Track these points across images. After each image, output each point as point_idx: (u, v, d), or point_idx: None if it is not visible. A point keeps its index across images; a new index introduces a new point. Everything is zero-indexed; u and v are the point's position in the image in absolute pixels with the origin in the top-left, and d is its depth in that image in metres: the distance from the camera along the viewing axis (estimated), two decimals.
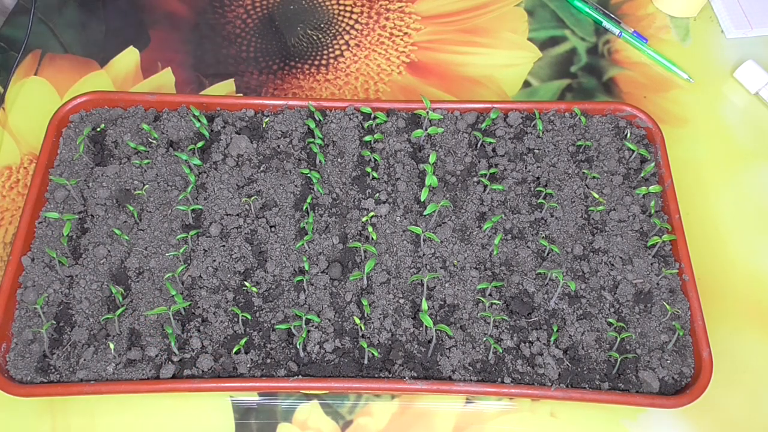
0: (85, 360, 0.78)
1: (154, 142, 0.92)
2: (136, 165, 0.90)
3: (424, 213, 0.86)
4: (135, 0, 1.13)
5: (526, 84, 1.06)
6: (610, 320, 0.82)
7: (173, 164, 0.91)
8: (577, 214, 0.89)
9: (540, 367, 0.79)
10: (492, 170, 0.91)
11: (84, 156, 0.90)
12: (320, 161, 0.92)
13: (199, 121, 0.92)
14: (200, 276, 0.83)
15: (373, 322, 0.81)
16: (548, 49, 1.10)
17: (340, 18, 1.12)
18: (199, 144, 0.91)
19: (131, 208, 0.86)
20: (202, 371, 0.78)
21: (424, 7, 1.14)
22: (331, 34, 1.10)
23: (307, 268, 0.83)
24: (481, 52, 1.09)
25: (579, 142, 0.93)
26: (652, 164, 0.91)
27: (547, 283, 0.84)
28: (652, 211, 0.89)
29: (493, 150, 0.94)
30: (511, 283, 0.84)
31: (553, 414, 0.81)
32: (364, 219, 0.87)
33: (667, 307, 0.82)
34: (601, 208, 0.88)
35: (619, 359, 0.79)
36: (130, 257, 0.84)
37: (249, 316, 0.80)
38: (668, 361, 0.80)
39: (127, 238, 0.85)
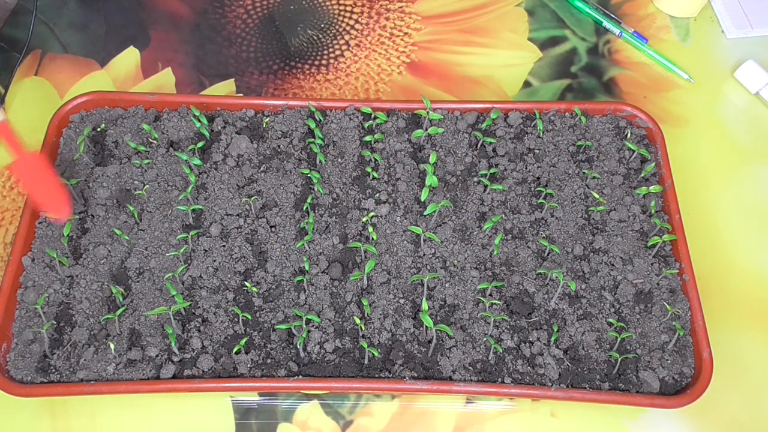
0: (85, 360, 0.78)
1: (155, 142, 0.92)
2: (137, 165, 0.90)
3: (425, 213, 0.86)
4: (135, 0, 1.13)
5: (527, 84, 1.06)
6: (611, 320, 0.82)
7: (173, 164, 0.91)
8: (577, 214, 0.89)
9: (540, 367, 0.79)
10: (492, 170, 0.91)
11: (84, 156, 0.90)
12: (320, 161, 0.92)
13: (199, 121, 0.92)
14: (200, 276, 0.83)
15: (373, 322, 0.81)
16: (548, 49, 1.10)
17: (341, 18, 1.12)
18: (200, 144, 0.91)
19: (131, 208, 0.86)
20: (203, 371, 0.78)
21: (425, 7, 1.14)
22: (331, 34, 1.10)
23: (307, 268, 0.83)
24: (481, 52, 1.09)
25: (579, 142, 0.93)
26: (653, 164, 0.91)
27: (548, 283, 0.84)
28: (653, 211, 0.89)
29: (494, 150, 0.94)
30: (511, 283, 0.84)
31: (553, 414, 0.81)
32: (364, 219, 0.87)
33: (668, 307, 0.82)
34: (601, 208, 0.88)
35: (619, 359, 0.79)
36: (131, 257, 0.84)
37: (249, 316, 0.80)
38: (668, 361, 0.80)
39: (127, 238, 0.85)
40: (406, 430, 0.80)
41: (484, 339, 0.80)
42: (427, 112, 0.93)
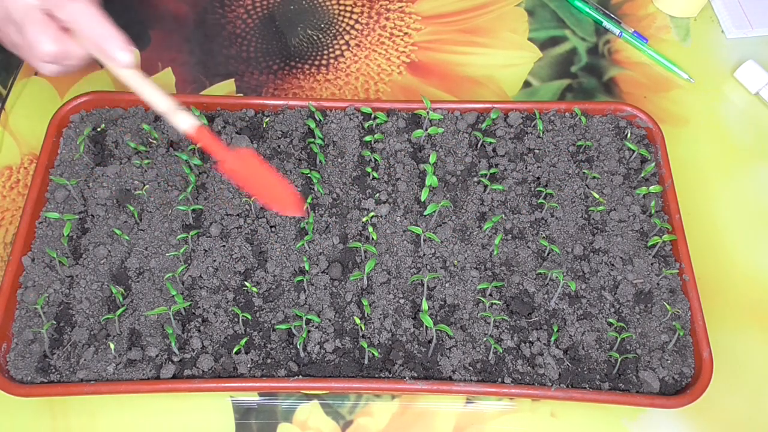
0: (85, 360, 0.78)
1: (155, 142, 0.92)
2: (137, 165, 0.90)
3: (425, 213, 0.86)
4: (135, 0, 1.13)
5: (527, 84, 1.06)
6: (611, 320, 0.82)
7: (174, 164, 0.91)
8: (577, 214, 0.89)
9: (540, 367, 0.79)
10: (492, 170, 0.91)
11: (84, 156, 0.90)
12: (320, 161, 0.92)
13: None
14: (200, 276, 0.83)
15: (373, 322, 0.81)
16: (548, 49, 1.10)
17: (341, 18, 1.12)
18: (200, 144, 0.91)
19: (131, 208, 0.86)
20: (203, 371, 0.78)
21: (425, 7, 1.14)
22: (331, 34, 1.10)
23: (307, 268, 0.83)
24: (481, 52, 1.09)
25: (579, 142, 0.93)
26: (653, 164, 0.91)
27: (548, 283, 0.84)
28: (653, 211, 0.89)
29: (494, 150, 0.94)
30: (511, 283, 0.84)
31: (553, 414, 0.81)
32: (364, 219, 0.87)
33: (668, 307, 0.82)
34: (601, 208, 0.88)
35: (619, 359, 0.79)
36: (131, 257, 0.84)
37: (249, 316, 0.80)
38: (668, 361, 0.80)
39: (127, 238, 0.85)
40: (406, 430, 0.80)
41: (484, 339, 0.80)
42: (427, 112, 0.93)
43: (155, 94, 0.76)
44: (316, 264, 0.85)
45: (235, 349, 0.78)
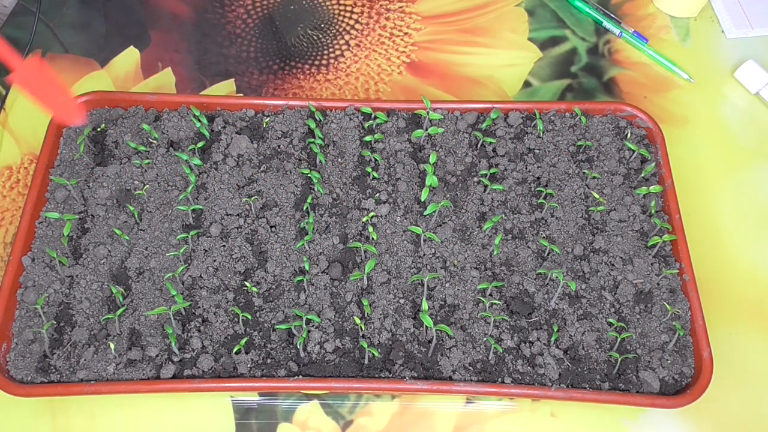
0: (85, 360, 0.78)
1: (155, 142, 0.92)
2: (137, 165, 0.90)
3: (425, 213, 0.86)
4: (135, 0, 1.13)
5: (527, 84, 1.06)
6: (611, 320, 0.82)
7: (173, 164, 0.91)
8: (577, 214, 0.89)
9: (540, 367, 0.79)
10: (492, 170, 0.91)
11: (84, 156, 0.90)
12: (320, 161, 0.92)
13: (199, 121, 0.92)
14: (200, 276, 0.83)
15: (373, 322, 0.81)
16: (548, 49, 1.10)
17: (341, 18, 1.12)
18: (200, 144, 0.91)
19: (131, 208, 0.86)
20: (203, 371, 0.78)
21: (425, 7, 1.14)
22: (331, 34, 1.10)
23: (307, 268, 0.83)
24: (481, 52, 1.09)
25: (579, 142, 0.93)
26: (653, 164, 0.91)
27: (548, 283, 0.84)
28: (653, 211, 0.89)
29: (494, 150, 0.94)
30: (511, 283, 0.84)
31: (553, 414, 0.81)
32: (364, 219, 0.87)
33: (668, 307, 0.82)
34: (601, 208, 0.88)
35: (619, 359, 0.79)
36: (131, 257, 0.84)
37: (249, 316, 0.80)
38: (668, 361, 0.80)
39: (127, 238, 0.85)
40: (406, 430, 0.80)
41: (484, 339, 0.80)
42: (427, 112, 0.93)
43: None
44: (316, 264, 0.85)
45: (235, 349, 0.78)
